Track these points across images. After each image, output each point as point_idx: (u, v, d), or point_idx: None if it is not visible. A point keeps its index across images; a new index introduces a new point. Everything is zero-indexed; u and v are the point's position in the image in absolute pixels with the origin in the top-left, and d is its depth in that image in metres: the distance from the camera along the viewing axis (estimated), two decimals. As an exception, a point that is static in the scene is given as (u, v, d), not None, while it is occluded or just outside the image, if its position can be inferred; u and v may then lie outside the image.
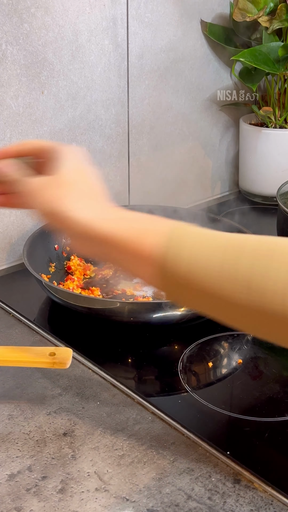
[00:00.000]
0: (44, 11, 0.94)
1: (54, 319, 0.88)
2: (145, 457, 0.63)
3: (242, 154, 1.33)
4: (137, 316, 0.81)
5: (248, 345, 0.83)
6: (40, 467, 0.62)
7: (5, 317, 0.88)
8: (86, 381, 0.75)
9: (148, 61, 1.12)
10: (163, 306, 0.80)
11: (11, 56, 0.92)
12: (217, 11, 1.22)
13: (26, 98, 0.96)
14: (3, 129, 0.94)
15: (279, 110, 1.27)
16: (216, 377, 0.77)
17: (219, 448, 0.64)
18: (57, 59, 0.98)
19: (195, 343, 0.81)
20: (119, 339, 0.82)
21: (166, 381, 0.76)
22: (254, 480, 0.60)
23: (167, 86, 1.17)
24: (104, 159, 1.11)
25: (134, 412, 0.69)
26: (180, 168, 1.27)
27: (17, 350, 0.71)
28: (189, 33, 1.17)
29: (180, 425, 0.67)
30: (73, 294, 0.85)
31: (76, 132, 1.05)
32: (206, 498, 0.58)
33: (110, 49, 1.05)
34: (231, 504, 0.58)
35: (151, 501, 0.58)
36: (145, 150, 1.18)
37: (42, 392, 0.72)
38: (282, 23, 1.16)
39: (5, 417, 0.68)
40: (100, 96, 1.06)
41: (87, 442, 0.65)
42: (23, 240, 0.98)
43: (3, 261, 1.01)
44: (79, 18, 0.98)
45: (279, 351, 0.82)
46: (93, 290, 0.91)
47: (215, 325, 0.86)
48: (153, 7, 1.09)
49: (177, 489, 0.59)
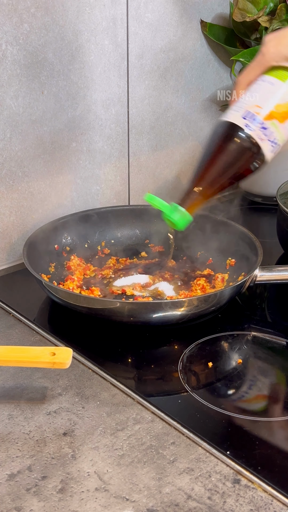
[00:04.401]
0: (44, 11, 0.94)
1: (54, 319, 0.88)
2: (145, 457, 0.63)
3: (242, 154, 1.32)
4: (137, 316, 0.81)
5: (248, 345, 0.83)
6: (40, 467, 0.62)
7: (5, 317, 0.88)
8: (86, 381, 0.75)
9: (148, 61, 1.12)
10: (163, 306, 0.80)
11: (11, 56, 0.92)
12: (217, 11, 1.22)
13: (26, 98, 0.96)
14: (3, 129, 0.94)
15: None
16: (216, 377, 0.77)
17: (219, 448, 0.64)
18: (57, 59, 0.98)
19: (195, 343, 0.81)
20: (119, 339, 0.82)
21: (166, 381, 0.76)
22: (254, 480, 0.60)
23: (167, 86, 1.17)
24: (104, 159, 1.11)
25: (134, 412, 0.69)
26: (180, 168, 1.27)
27: (17, 350, 0.71)
28: (189, 33, 1.17)
29: (180, 425, 0.67)
30: (73, 294, 0.85)
31: (76, 132, 1.05)
32: (206, 498, 0.58)
33: (110, 49, 1.05)
34: (231, 504, 0.58)
35: (151, 501, 0.58)
36: (145, 150, 1.18)
37: (42, 392, 0.72)
38: (282, 23, 1.16)
39: (5, 417, 0.68)
40: (100, 96, 1.06)
41: (87, 442, 0.65)
42: (23, 240, 0.98)
43: (3, 261, 1.01)
44: (79, 18, 0.98)
45: (279, 351, 0.83)
46: (93, 290, 0.91)
47: (215, 325, 0.86)
48: (153, 7, 1.09)
49: (177, 489, 0.59)
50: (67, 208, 1.08)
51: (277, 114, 0.77)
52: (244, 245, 0.95)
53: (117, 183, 1.15)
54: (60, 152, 1.04)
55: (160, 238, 1.05)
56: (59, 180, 1.05)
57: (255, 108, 0.77)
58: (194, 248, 1.02)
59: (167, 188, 1.24)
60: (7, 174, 0.97)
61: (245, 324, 0.88)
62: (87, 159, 1.09)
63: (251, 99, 0.78)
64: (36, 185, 1.02)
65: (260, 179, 1.31)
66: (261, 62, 0.78)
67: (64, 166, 1.05)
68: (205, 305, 0.82)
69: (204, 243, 1.01)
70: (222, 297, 0.84)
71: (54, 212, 1.05)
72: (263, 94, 0.78)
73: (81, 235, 1.04)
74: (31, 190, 1.01)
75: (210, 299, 0.82)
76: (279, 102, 0.77)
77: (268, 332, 0.85)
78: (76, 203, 1.09)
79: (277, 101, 0.77)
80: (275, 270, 0.89)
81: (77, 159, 1.07)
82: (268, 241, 1.07)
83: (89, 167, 1.09)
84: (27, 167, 1.00)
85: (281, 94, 0.77)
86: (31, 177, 1.01)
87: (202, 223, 1.02)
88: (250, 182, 1.32)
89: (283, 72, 0.78)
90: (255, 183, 1.31)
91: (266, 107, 0.77)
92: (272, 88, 0.77)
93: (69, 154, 1.05)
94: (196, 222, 1.03)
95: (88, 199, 1.11)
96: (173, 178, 1.25)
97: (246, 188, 1.34)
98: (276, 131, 0.77)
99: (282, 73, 0.78)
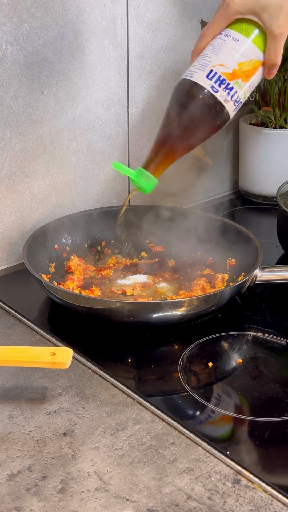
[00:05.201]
0: (44, 11, 0.94)
1: (54, 319, 0.88)
2: (145, 457, 0.63)
3: (242, 154, 1.33)
4: (137, 316, 0.81)
5: (248, 345, 0.83)
6: (40, 467, 0.62)
7: (5, 317, 0.88)
8: (86, 381, 0.75)
9: (148, 61, 1.12)
10: (163, 306, 0.80)
11: (11, 56, 0.92)
12: (217, 11, 1.22)
13: (26, 98, 0.96)
14: (3, 129, 0.94)
15: (279, 110, 1.27)
16: (216, 377, 0.77)
17: (219, 448, 0.64)
18: (57, 59, 0.98)
19: (195, 343, 0.81)
20: (119, 339, 0.82)
21: (166, 381, 0.76)
22: (254, 480, 0.60)
23: (167, 86, 1.17)
24: (104, 159, 1.11)
25: (134, 412, 0.69)
26: (180, 168, 1.27)
27: (17, 350, 0.71)
28: (189, 33, 1.17)
29: (180, 425, 0.67)
30: (73, 294, 0.85)
31: (76, 132, 1.05)
32: (206, 498, 0.58)
33: (110, 49, 1.05)
34: (231, 504, 0.58)
35: (151, 501, 0.58)
36: (145, 150, 1.18)
37: (42, 392, 0.72)
38: None
39: (5, 417, 0.68)
40: (100, 96, 1.06)
41: (87, 442, 0.65)
42: (23, 240, 0.98)
43: (3, 261, 1.01)
44: (79, 18, 0.98)
45: (279, 351, 0.83)
46: (93, 290, 0.91)
47: (215, 325, 0.86)
48: (153, 7, 1.09)
49: (177, 489, 0.59)
50: (67, 208, 1.08)
51: (241, 73, 0.75)
52: (244, 245, 0.95)
53: (117, 183, 1.15)
54: (60, 152, 1.04)
55: (160, 238, 1.05)
56: (59, 180, 1.05)
57: (220, 67, 0.75)
58: (194, 248, 1.02)
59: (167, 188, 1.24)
60: (7, 174, 0.97)
61: (245, 324, 0.88)
62: (87, 159, 1.09)
63: (216, 56, 0.76)
64: (36, 185, 1.02)
65: (260, 179, 1.31)
66: (225, 14, 0.76)
67: (64, 166, 1.05)
68: (205, 305, 0.82)
69: (204, 243, 1.01)
70: (222, 297, 0.84)
71: (54, 212, 1.05)
72: (227, 51, 0.76)
73: (81, 235, 1.04)
74: (31, 190, 1.01)
75: (210, 299, 0.82)
76: (243, 59, 0.75)
77: (268, 332, 0.85)
78: (76, 203, 1.09)
79: (241, 59, 0.75)
80: (275, 270, 0.89)
81: (77, 159, 1.07)
82: (268, 241, 1.07)
83: (89, 167, 1.09)
84: (27, 167, 1.00)
85: (244, 51, 0.75)
86: (31, 177, 1.01)
87: (202, 223, 1.02)
88: (250, 182, 1.33)
89: (247, 26, 0.75)
90: (255, 183, 1.32)
91: (230, 66, 0.75)
92: (236, 45, 0.75)
93: (69, 154, 1.05)
94: (196, 222, 1.04)
95: (88, 199, 1.11)
96: (173, 178, 1.25)
97: (246, 188, 1.34)
98: (239, 90, 0.76)
99: (246, 27, 0.75)
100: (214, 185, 1.36)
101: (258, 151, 1.28)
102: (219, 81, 0.75)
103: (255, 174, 1.31)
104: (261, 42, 0.76)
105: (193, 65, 0.78)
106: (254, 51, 0.76)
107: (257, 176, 1.31)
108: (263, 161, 1.28)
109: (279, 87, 1.25)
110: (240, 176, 1.35)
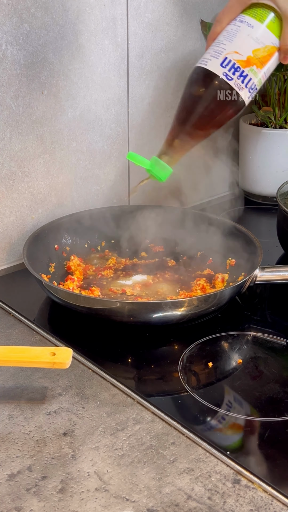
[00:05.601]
0: (44, 11, 0.94)
1: (54, 319, 0.88)
2: (145, 457, 0.63)
3: (242, 154, 1.33)
4: (137, 316, 0.81)
5: (248, 345, 0.83)
6: (40, 467, 0.62)
7: (5, 317, 0.88)
8: (86, 381, 0.75)
9: (148, 61, 1.12)
10: (163, 306, 0.80)
11: (11, 56, 0.92)
12: (217, 11, 1.21)
13: (26, 98, 0.96)
14: (3, 129, 0.94)
15: (279, 110, 1.27)
16: (216, 377, 0.77)
17: (219, 448, 0.64)
18: (57, 59, 0.98)
19: (195, 343, 0.81)
20: (119, 339, 0.82)
21: (166, 381, 0.76)
22: (254, 480, 0.60)
23: (167, 86, 1.17)
24: (104, 159, 1.11)
25: (134, 412, 0.69)
26: (180, 168, 1.27)
27: (17, 350, 0.71)
28: (189, 33, 1.17)
29: (180, 425, 0.67)
30: (73, 294, 0.85)
31: (76, 132, 1.05)
32: (206, 498, 0.58)
33: (110, 49, 1.05)
34: (231, 504, 0.58)
35: (151, 501, 0.58)
36: (145, 150, 1.18)
37: (42, 392, 0.72)
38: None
39: (5, 417, 0.68)
40: (100, 96, 1.06)
41: (87, 442, 0.65)
42: (23, 240, 0.98)
43: (3, 261, 1.01)
44: (79, 18, 0.98)
45: (279, 351, 0.83)
46: (93, 290, 0.91)
47: (215, 325, 0.86)
48: (153, 7, 1.09)
49: (177, 489, 0.59)
50: (67, 208, 1.08)
51: (256, 60, 0.75)
52: (244, 245, 0.95)
53: (117, 183, 1.15)
54: (60, 152, 1.04)
55: (160, 238, 1.05)
56: (59, 180, 1.05)
57: (234, 54, 0.74)
58: (194, 248, 1.02)
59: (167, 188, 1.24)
60: (7, 174, 0.97)
61: (245, 324, 0.88)
62: (87, 159, 1.09)
63: (230, 43, 0.75)
64: (36, 185, 1.02)
65: (260, 179, 1.31)
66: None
67: (64, 166, 1.05)
68: (205, 305, 0.82)
69: (204, 243, 1.01)
70: (222, 297, 0.84)
71: (54, 212, 1.05)
72: (241, 37, 0.75)
73: (81, 235, 1.04)
74: (31, 190, 1.01)
75: (210, 299, 0.82)
76: (257, 46, 0.75)
77: (268, 332, 0.85)
78: (76, 203, 1.09)
79: (256, 45, 0.75)
80: (275, 270, 0.89)
81: (77, 159, 1.07)
82: (268, 241, 1.07)
83: (89, 167, 1.09)
84: (27, 167, 1.00)
85: (259, 37, 0.75)
86: (31, 177, 1.01)
87: (202, 223, 1.02)
88: (250, 182, 1.33)
89: (261, 11, 0.75)
90: (255, 183, 1.32)
91: (245, 53, 0.75)
92: (251, 32, 0.75)
93: (69, 154, 1.05)
94: (196, 222, 1.04)
95: (88, 199, 1.11)
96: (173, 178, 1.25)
97: (246, 188, 1.34)
98: (254, 77, 0.76)
99: (261, 13, 0.75)
100: (214, 185, 1.36)
101: (258, 151, 1.28)
102: (233, 69, 0.75)
103: (255, 174, 1.31)
104: (276, 27, 0.75)
105: (207, 52, 0.78)
106: (269, 37, 0.75)
107: (257, 176, 1.31)
108: (263, 161, 1.28)
109: (279, 87, 1.25)
110: (240, 176, 1.35)
